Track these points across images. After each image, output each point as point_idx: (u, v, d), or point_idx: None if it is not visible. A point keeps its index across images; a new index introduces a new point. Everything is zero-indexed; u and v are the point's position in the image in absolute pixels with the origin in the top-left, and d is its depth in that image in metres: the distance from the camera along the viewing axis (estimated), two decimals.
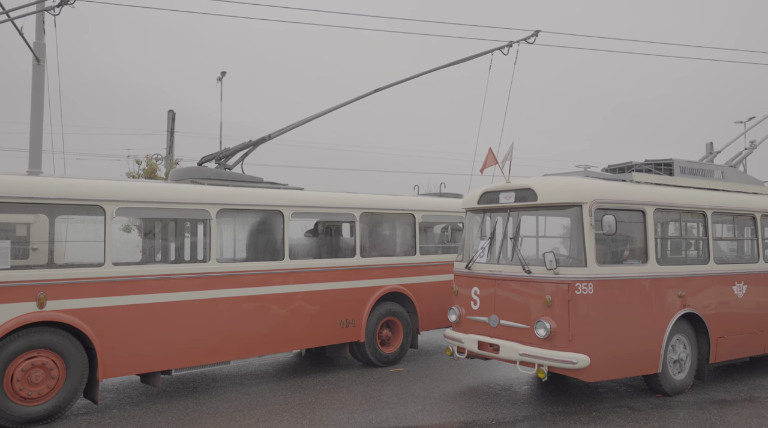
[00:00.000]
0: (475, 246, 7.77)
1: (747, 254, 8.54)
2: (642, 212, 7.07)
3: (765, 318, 8.27)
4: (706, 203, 7.85)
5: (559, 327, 6.39)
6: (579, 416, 6.38)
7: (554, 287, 6.50)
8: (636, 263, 6.99)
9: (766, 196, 9.05)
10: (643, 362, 6.88)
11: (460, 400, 7.05)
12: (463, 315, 7.52)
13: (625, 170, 8.29)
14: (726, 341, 7.71)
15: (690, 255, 8.05)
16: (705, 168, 8.66)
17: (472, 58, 9.93)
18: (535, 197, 6.89)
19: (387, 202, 9.21)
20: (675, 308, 7.16)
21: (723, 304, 7.74)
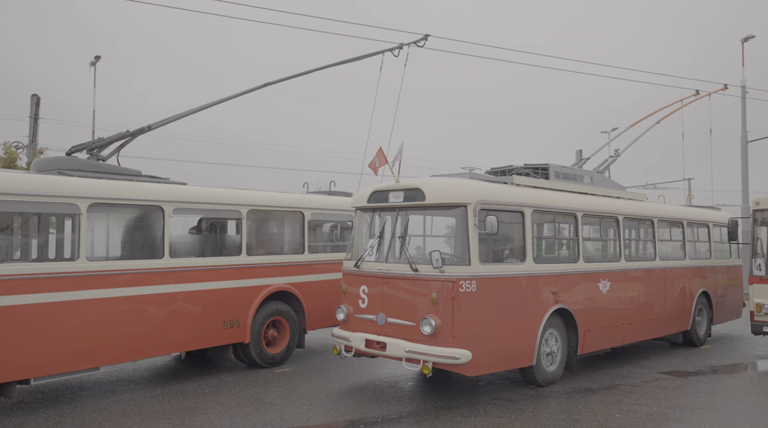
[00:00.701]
0: (364, 245, 7.79)
1: (610, 253, 9.27)
2: (521, 213, 7.44)
3: (624, 312, 9.03)
4: (577, 205, 8.42)
5: (443, 324, 6.56)
6: (461, 409, 6.60)
7: (440, 285, 6.67)
8: (515, 262, 7.35)
9: (628, 200, 9.89)
10: (520, 355, 7.25)
11: (346, 399, 7.03)
12: (351, 314, 7.52)
13: (506, 173, 8.69)
14: (592, 334, 8.32)
15: (562, 254, 8.59)
16: (576, 173, 9.29)
17: (362, 58, 9.97)
18: (423, 197, 7.03)
19: (275, 199, 9.01)
20: (549, 304, 7.61)
21: (590, 300, 8.35)
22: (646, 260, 9.85)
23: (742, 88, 21.54)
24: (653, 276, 9.80)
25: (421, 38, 9.61)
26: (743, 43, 21.92)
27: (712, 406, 6.73)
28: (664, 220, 10.36)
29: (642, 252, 10.03)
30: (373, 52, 9.77)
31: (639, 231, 10.04)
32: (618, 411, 6.51)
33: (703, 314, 11.20)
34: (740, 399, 7.12)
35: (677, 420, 6.18)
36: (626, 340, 9.16)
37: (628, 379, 8.18)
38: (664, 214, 10.42)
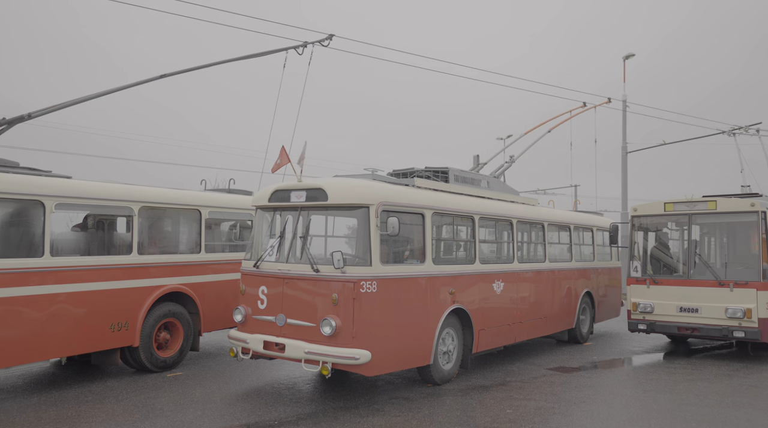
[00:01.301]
0: (264, 245, 7.63)
1: (504, 255, 9.67)
2: (422, 215, 7.58)
3: (516, 312, 9.45)
4: (475, 208, 8.71)
5: (344, 325, 6.55)
6: (359, 410, 6.61)
7: (341, 285, 6.65)
8: (415, 263, 7.47)
9: (521, 204, 10.36)
10: (418, 355, 7.38)
11: (242, 402, 6.84)
12: (249, 315, 7.33)
13: (408, 175, 8.83)
14: (486, 332, 8.63)
15: (460, 256, 8.85)
16: (474, 177, 9.61)
17: (265, 54, 9.77)
18: (326, 197, 6.99)
19: (170, 196, 8.61)
20: (446, 304, 7.81)
21: (485, 300, 8.66)
22: (537, 262, 10.37)
23: (623, 102, 23.26)
24: (543, 277, 10.33)
25: (325, 38, 9.55)
26: (625, 60, 23.67)
27: (593, 399, 7.18)
28: (553, 224, 10.95)
29: (533, 254, 10.54)
30: (275, 49, 9.59)
31: (531, 234, 10.55)
32: (509, 407, 6.79)
33: (587, 313, 11.95)
34: (618, 392, 7.65)
35: (562, 413, 6.54)
36: (518, 338, 9.58)
37: (519, 376, 8.56)
38: (553, 218, 11.01)
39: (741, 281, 9.62)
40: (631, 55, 23.57)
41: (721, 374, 8.79)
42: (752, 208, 9.78)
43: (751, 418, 6.36)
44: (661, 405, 6.95)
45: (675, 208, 10.59)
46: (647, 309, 10.42)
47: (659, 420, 6.30)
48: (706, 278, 9.98)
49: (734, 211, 10.03)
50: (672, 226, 11.24)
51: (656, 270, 10.83)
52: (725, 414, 6.54)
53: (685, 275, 10.30)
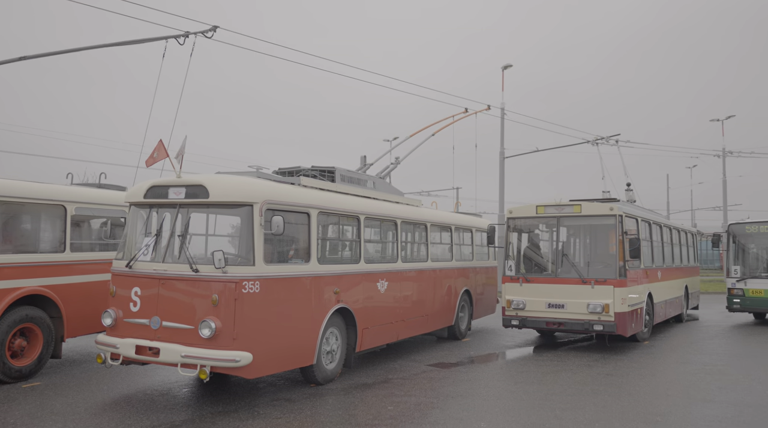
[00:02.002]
0: (138, 243, 7.20)
1: (389, 254, 9.84)
2: (307, 215, 7.52)
3: (399, 310, 9.65)
4: (361, 208, 8.78)
5: (224, 326, 6.34)
6: (239, 413, 6.43)
7: (222, 285, 6.43)
8: (300, 263, 7.40)
9: (405, 205, 10.60)
10: (301, 355, 7.31)
11: (110, 411, 6.41)
12: (120, 318, 6.88)
13: (294, 174, 8.73)
14: (370, 331, 8.73)
15: (345, 255, 8.89)
16: (360, 178, 9.69)
17: (143, 41, 9.26)
18: (207, 194, 6.73)
19: (29, 190, 7.88)
20: (330, 304, 7.80)
21: (369, 299, 8.75)
22: (420, 262, 10.66)
23: (502, 109, 24.55)
24: (425, 276, 10.64)
25: (209, 29, 9.21)
26: (503, 70, 24.99)
27: (469, 393, 7.49)
28: (436, 225, 11.31)
29: (416, 254, 10.82)
30: (154, 38, 9.11)
31: (414, 234, 10.82)
32: (390, 404, 6.91)
33: (465, 310, 12.46)
34: (492, 385, 8.04)
35: (440, 407, 6.76)
36: (400, 336, 9.79)
37: (401, 373, 8.75)
38: (436, 219, 11.37)
39: (601, 279, 10.47)
40: (509, 66, 24.91)
41: (583, 364, 9.52)
42: (611, 212, 10.67)
43: (605, 404, 6.94)
44: (530, 395, 7.40)
45: (546, 211, 11.33)
46: (520, 306, 11.05)
47: (528, 409, 6.70)
48: (572, 276, 10.76)
49: (596, 214, 10.90)
50: (543, 228, 12.00)
51: (528, 269, 11.51)
52: (584, 401, 7.09)
53: (553, 274, 11.04)
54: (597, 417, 6.34)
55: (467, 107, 13.90)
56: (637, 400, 7.15)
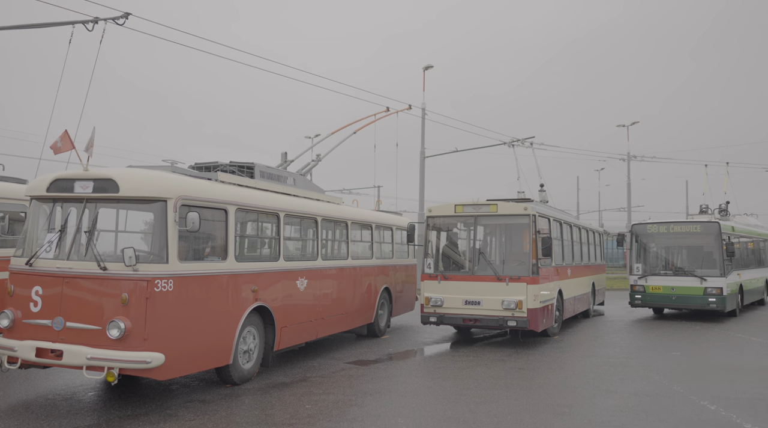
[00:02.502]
0: (40, 240, 6.78)
1: (309, 252, 9.77)
2: (225, 211, 7.34)
3: (319, 308, 9.60)
4: (281, 205, 8.67)
5: (134, 326, 6.08)
6: (149, 416, 6.19)
7: (132, 284, 6.17)
8: (216, 260, 7.21)
9: (326, 203, 10.56)
10: (217, 355, 7.13)
11: (6, 418, 6.01)
12: (19, 319, 6.46)
13: (211, 169, 8.49)
14: (289, 329, 8.64)
15: (264, 253, 8.74)
16: (281, 174, 9.57)
17: (47, 26, 8.72)
18: (117, 188, 6.43)
19: None
20: (248, 302, 7.66)
21: (288, 297, 8.66)
22: (340, 259, 10.65)
23: (423, 109, 24.93)
24: (345, 274, 10.64)
25: (120, 16, 8.79)
26: (424, 71, 25.39)
27: (387, 389, 7.57)
28: (356, 222, 11.34)
29: (337, 252, 10.81)
30: (60, 22, 8.60)
31: (335, 232, 10.80)
32: (308, 402, 6.87)
33: (385, 307, 12.58)
34: (410, 381, 8.16)
35: (358, 404, 6.79)
36: (319, 334, 9.75)
37: (319, 371, 8.71)
38: (357, 217, 11.40)
39: (515, 276, 10.85)
40: (430, 67, 25.33)
41: (497, 359, 9.84)
42: (525, 211, 11.09)
43: (517, 397, 7.21)
44: (447, 390, 7.57)
45: (464, 210, 11.61)
46: (438, 303, 11.28)
47: (444, 404, 6.85)
48: (488, 274, 11.09)
49: (511, 214, 11.29)
50: (461, 226, 12.30)
51: (447, 267, 11.76)
52: (498, 394, 7.33)
53: (470, 272, 11.34)
54: (509, 410, 6.57)
55: (389, 106, 14.04)
56: (547, 393, 7.47)
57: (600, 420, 6.19)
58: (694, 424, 6.04)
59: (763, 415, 6.36)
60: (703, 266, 15.65)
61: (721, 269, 15.29)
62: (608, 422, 6.11)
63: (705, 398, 7.12)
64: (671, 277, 15.83)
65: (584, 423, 6.09)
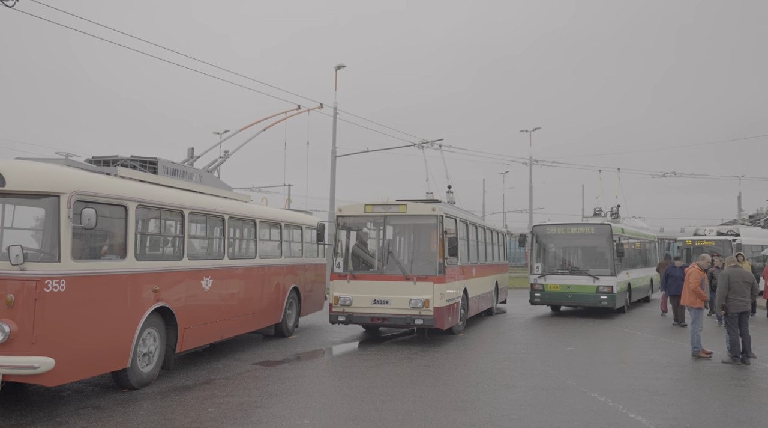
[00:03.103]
0: None
1: (215, 251, 9.51)
2: (124, 208, 7.00)
3: (225, 309, 9.37)
4: (185, 203, 8.38)
5: (20, 329, 5.68)
6: (37, 425, 5.80)
7: (19, 284, 5.75)
8: (114, 259, 6.86)
9: (234, 200, 10.31)
10: (114, 359, 6.79)
11: None
12: None
13: (110, 163, 8.07)
14: (192, 331, 8.37)
15: (167, 251, 8.42)
16: (186, 170, 9.24)
17: None
18: (3, 182, 5.97)
19: None
20: (149, 303, 7.35)
21: (192, 297, 8.39)
22: (248, 258, 10.45)
23: (334, 109, 24.91)
24: (253, 274, 10.45)
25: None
26: (337, 70, 25.39)
27: (294, 390, 7.51)
28: (265, 221, 11.16)
29: (245, 251, 10.59)
30: None
31: (243, 231, 10.57)
32: (211, 405, 6.69)
33: (293, 307, 12.47)
34: (317, 381, 8.14)
35: (264, 406, 6.69)
36: (225, 335, 9.51)
37: (224, 373, 8.50)
38: (265, 215, 11.22)
39: (422, 276, 11.09)
40: (342, 66, 25.35)
41: (404, 357, 10.02)
42: (433, 212, 11.35)
43: (423, 394, 7.38)
44: (353, 389, 7.62)
45: (373, 210, 11.72)
46: (347, 302, 11.31)
47: (351, 403, 6.89)
48: (396, 273, 11.25)
49: (419, 214, 11.52)
50: (371, 226, 12.40)
51: (356, 266, 11.82)
52: (404, 392, 7.46)
53: (379, 271, 11.45)
54: (415, 407, 6.71)
55: (300, 104, 13.93)
56: (451, 389, 7.69)
57: (500, 414, 6.46)
58: (584, 415, 6.42)
59: (646, 405, 6.88)
60: (596, 266, 16.66)
61: (611, 269, 16.36)
62: (507, 415, 6.38)
63: (595, 390, 7.59)
64: (567, 276, 16.75)
65: (485, 417, 6.32)
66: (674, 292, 14.89)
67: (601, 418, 6.28)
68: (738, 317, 9.66)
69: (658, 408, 6.70)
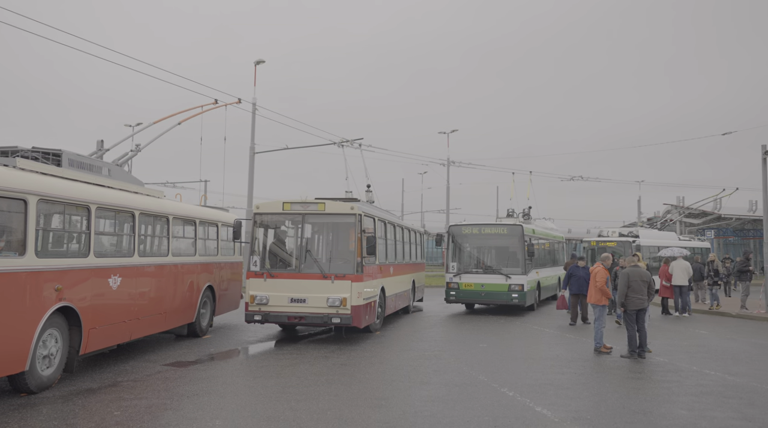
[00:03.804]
0: None
1: (124, 248, 9.11)
2: (24, 201, 6.59)
3: (134, 308, 9.00)
4: (92, 197, 7.98)
5: None
6: None
7: None
8: (12, 256, 6.44)
9: (146, 196, 9.92)
10: (10, 361, 6.38)
11: None
12: None
13: (9, 154, 7.57)
14: (98, 331, 7.98)
15: (72, 248, 7.98)
16: (94, 164, 8.80)
17: None
18: None
19: None
20: (50, 302, 6.95)
21: (98, 296, 8.00)
22: (160, 256, 10.08)
23: (253, 104, 24.45)
24: (165, 272, 10.09)
25: None
26: (256, 65, 24.93)
27: (206, 391, 7.32)
28: (179, 218, 10.81)
29: (156, 248, 10.21)
30: None
31: (155, 227, 10.20)
32: (117, 409, 6.41)
33: (208, 306, 12.15)
34: (230, 382, 7.98)
35: (174, 408, 6.49)
36: (134, 335, 9.14)
37: (132, 375, 8.17)
38: (179, 212, 10.87)
39: (340, 274, 11.10)
40: (261, 61, 24.92)
41: (320, 356, 10.00)
42: (352, 211, 11.40)
43: (338, 392, 7.40)
44: (268, 389, 7.53)
45: (292, 208, 11.62)
46: (263, 301, 11.16)
47: (265, 403, 6.80)
48: (314, 271, 11.21)
49: (338, 213, 11.54)
50: (289, 224, 12.29)
51: (274, 265, 11.68)
52: (319, 390, 7.46)
53: (297, 269, 11.37)
54: (330, 406, 6.72)
55: (217, 99, 13.58)
56: (367, 387, 7.76)
57: (413, 410, 6.58)
58: (494, 409, 6.67)
59: (551, 398, 7.23)
60: (508, 265, 17.30)
61: (522, 268, 17.03)
62: (420, 412, 6.52)
63: (505, 385, 7.90)
64: (481, 275, 17.29)
65: (399, 414, 6.43)
66: (576, 291, 15.35)
67: (509, 412, 6.54)
68: (636, 314, 10.32)
69: (562, 401, 7.06)
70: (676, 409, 6.80)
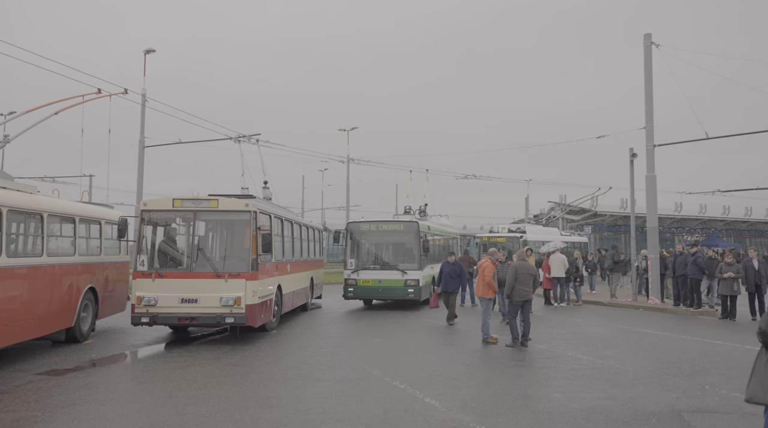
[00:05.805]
0: None
1: None
2: None
3: (2, 314, 8.28)
4: None
5: None
6: None
7: None
8: None
9: (15, 191, 9.14)
10: None
11: None
12: None
13: None
14: None
15: None
16: None
17: None
18: None
19: None
20: None
21: None
22: (33, 257, 9.34)
23: (143, 95, 23.22)
24: (39, 274, 9.37)
25: None
26: (146, 54, 23.72)
27: (84, 400, 6.87)
28: (55, 215, 10.07)
29: (29, 248, 9.45)
30: None
31: (27, 226, 9.44)
32: None
33: (89, 309, 11.41)
34: (113, 389, 7.54)
35: (45, 421, 6.03)
36: (1, 344, 8.40)
37: None
38: (56, 209, 10.12)
39: (234, 273, 10.81)
40: (151, 51, 23.74)
41: (212, 357, 9.69)
42: (247, 208, 11.13)
43: (229, 394, 7.20)
44: (154, 394, 7.19)
45: (183, 204, 11.16)
46: (151, 302, 10.64)
47: (149, 409, 6.49)
48: (206, 270, 10.83)
49: (233, 210, 11.22)
50: (179, 222, 11.81)
51: (163, 264, 11.17)
52: (209, 393, 7.23)
53: (188, 269, 10.94)
54: (219, 408, 6.52)
55: (101, 88, 12.78)
56: (259, 387, 7.62)
57: (305, 408, 6.54)
58: (385, 402, 6.76)
59: (439, 389, 7.44)
60: (405, 261, 17.63)
61: (418, 263, 17.42)
62: (313, 409, 6.49)
63: (397, 379, 8.03)
64: (379, 271, 17.50)
65: (291, 412, 6.36)
66: (444, 288, 14.35)
67: (399, 404, 6.67)
68: (522, 305, 10.87)
69: (450, 392, 7.29)
70: (551, 393, 7.24)
